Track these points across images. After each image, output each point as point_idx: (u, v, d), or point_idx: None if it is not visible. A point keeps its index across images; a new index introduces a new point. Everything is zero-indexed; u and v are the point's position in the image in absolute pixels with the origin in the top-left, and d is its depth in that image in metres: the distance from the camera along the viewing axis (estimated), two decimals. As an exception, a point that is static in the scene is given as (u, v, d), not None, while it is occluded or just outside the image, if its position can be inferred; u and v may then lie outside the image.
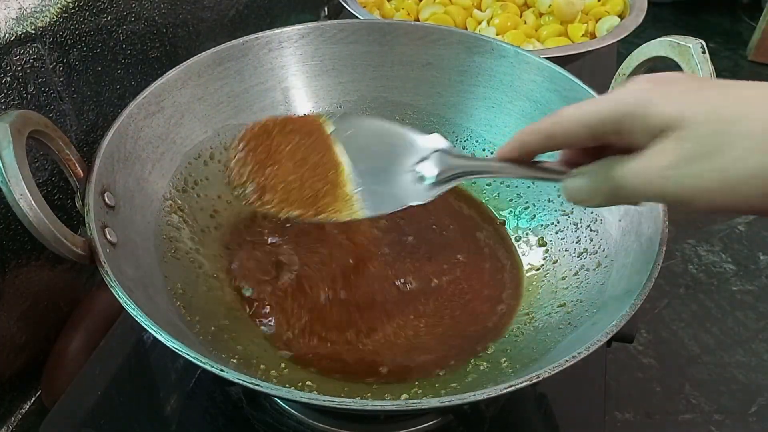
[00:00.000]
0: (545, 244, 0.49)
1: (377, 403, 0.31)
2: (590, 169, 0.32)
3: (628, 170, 0.29)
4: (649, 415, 0.59)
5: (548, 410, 0.46)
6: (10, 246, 0.47)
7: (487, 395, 0.31)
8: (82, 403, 0.45)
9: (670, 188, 0.28)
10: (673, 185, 0.28)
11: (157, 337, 0.32)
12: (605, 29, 0.73)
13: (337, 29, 0.54)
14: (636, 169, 0.29)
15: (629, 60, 0.44)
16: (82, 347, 0.51)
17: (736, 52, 1.09)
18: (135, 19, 0.55)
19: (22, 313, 0.49)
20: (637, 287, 0.36)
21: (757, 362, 0.63)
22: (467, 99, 0.54)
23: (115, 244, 0.38)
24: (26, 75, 0.45)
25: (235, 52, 0.52)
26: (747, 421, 0.59)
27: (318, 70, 0.55)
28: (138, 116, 0.45)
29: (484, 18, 0.77)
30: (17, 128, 0.34)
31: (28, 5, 0.45)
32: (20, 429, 0.52)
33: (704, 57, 0.40)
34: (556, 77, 0.49)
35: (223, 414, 0.45)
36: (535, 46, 0.73)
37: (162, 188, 0.46)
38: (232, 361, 0.39)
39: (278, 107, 0.54)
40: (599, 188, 0.31)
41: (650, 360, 0.63)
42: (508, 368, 0.40)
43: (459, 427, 0.45)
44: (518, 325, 0.45)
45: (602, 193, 0.31)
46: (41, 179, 0.48)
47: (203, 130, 0.50)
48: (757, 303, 0.69)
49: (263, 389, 0.31)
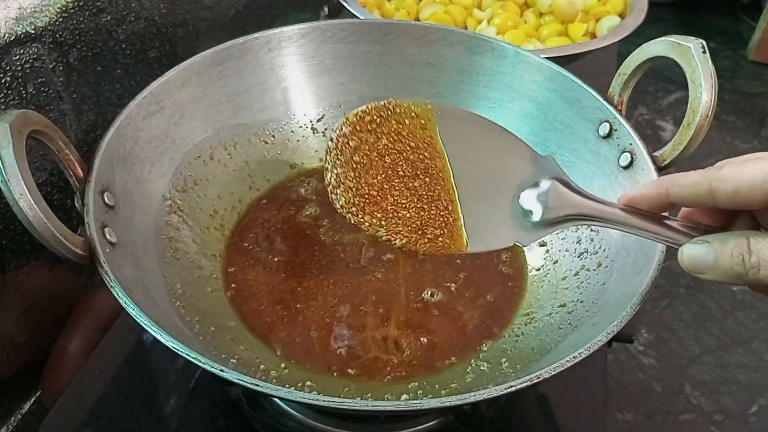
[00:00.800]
0: (545, 244, 0.49)
1: (377, 403, 0.31)
2: (723, 239, 0.29)
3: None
4: (649, 415, 0.59)
5: (548, 410, 0.46)
6: (10, 246, 0.47)
7: (488, 395, 0.31)
8: (82, 403, 0.44)
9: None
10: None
11: (156, 337, 0.32)
12: (606, 29, 0.73)
13: (337, 29, 0.54)
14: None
15: (629, 60, 0.44)
16: (82, 347, 0.51)
17: (736, 52, 1.09)
18: (135, 18, 0.55)
19: (22, 313, 0.49)
20: (637, 287, 0.36)
21: (757, 362, 0.63)
22: (467, 99, 0.54)
23: (114, 244, 0.38)
24: (26, 75, 0.45)
25: (235, 52, 0.51)
26: (747, 422, 0.59)
27: (318, 69, 0.55)
28: (138, 116, 0.45)
29: (484, 17, 0.77)
30: (17, 128, 0.34)
31: (27, 5, 0.45)
32: (20, 429, 0.52)
33: (705, 57, 0.40)
34: (557, 77, 0.49)
35: (223, 414, 0.45)
36: (535, 46, 0.73)
37: (162, 188, 0.46)
38: (232, 362, 0.39)
39: (278, 107, 0.54)
40: (729, 265, 0.28)
41: (651, 360, 0.63)
42: (508, 368, 0.40)
43: (459, 427, 0.45)
44: (518, 325, 0.45)
45: (730, 272, 0.28)
46: (40, 179, 0.48)
47: (203, 130, 0.50)
48: (757, 303, 0.69)
49: (263, 389, 0.31)
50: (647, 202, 0.32)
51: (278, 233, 0.50)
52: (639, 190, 0.32)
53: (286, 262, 0.48)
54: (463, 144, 0.36)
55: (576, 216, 0.33)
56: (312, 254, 0.49)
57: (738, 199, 0.28)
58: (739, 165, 0.28)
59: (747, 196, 0.28)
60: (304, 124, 0.55)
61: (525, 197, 0.34)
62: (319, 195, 0.53)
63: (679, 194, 0.31)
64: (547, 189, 0.34)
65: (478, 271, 0.48)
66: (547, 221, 0.33)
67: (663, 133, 0.92)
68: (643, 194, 0.32)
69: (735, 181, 0.28)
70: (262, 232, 0.50)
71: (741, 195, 0.28)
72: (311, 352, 0.43)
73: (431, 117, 0.37)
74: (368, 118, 0.38)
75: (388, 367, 0.42)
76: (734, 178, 0.28)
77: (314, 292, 0.46)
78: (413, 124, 0.38)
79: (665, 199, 0.31)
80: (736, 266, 0.28)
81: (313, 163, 0.56)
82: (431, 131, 0.37)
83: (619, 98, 0.46)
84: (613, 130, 0.45)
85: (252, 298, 0.46)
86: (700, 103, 0.40)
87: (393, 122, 0.37)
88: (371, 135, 0.37)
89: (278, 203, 0.53)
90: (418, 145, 0.37)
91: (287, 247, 0.49)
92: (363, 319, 0.45)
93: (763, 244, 0.28)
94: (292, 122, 0.55)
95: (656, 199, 0.32)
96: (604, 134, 0.46)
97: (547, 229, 0.34)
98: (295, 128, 0.55)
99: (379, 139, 0.37)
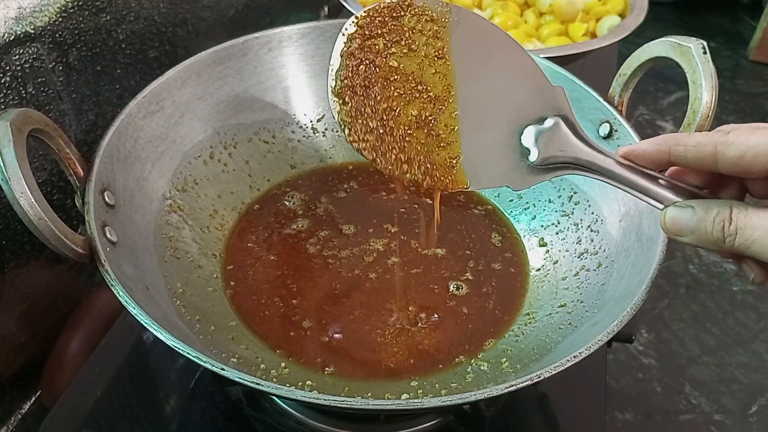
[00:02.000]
0: (546, 244, 0.49)
1: (377, 402, 0.31)
2: (707, 206, 0.29)
3: (760, 223, 0.28)
4: (649, 415, 0.59)
5: (548, 410, 0.46)
6: (10, 246, 0.47)
7: (488, 395, 0.31)
8: (82, 403, 0.45)
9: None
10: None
11: (157, 336, 0.32)
12: (606, 29, 0.73)
13: (338, 29, 0.53)
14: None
15: (630, 60, 0.44)
16: (82, 347, 0.51)
17: (736, 52, 1.09)
18: (134, 18, 0.55)
19: (22, 313, 0.49)
20: (637, 287, 0.36)
21: (757, 362, 0.63)
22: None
23: (115, 243, 0.38)
24: (25, 75, 0.45)
25: (235, 52, 0.51)
26: (747, 422, 0.59)
27: (318, 69, 0.55)
28: (138, 115, 0.45)
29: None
30: (17, 127, 0.34)
31: (27, 5, 0.45)
32: (20, 429, 0.51)
33: (705, 57, 0.40)
34: (557, 77, 0.49)
35: (223, 414, 0.45)
36: (535, 46, 0.73)
37: (162, 187, 0.46)
38: (233, 360, 0.39)
39: (278, 107, 0.54)
40: (709, 231, 0.29)
41: (650, 360, 0.63)
42: (508, 368, 0.40)
43: (459, 427, 0.45)
44: (518, 325, 0.45)
45: (709, 237, 0.29)
46: (41, 179, 0.48)
47: (203, 130, 0.50)
48: (757, 303, 0.69)
49: (264, 388, 0.31)
50: (647, 159, 0.32)
51: (278, 232, 0.50)
52: (639, 145, 0.32)
53: (286, 261, 0.48)
54: (474, 59, 0.34)
55: (572, 163, 0.32)
56: (312, 253, 0.49)
57: (740, 165, 0.29)
58: (747, 132, 0.29)
59: (750, 164, 0.28)
60: (305, 124, 0.55)
61: (527, 134, 0.33)
62: (319, 195, 0.53)
63: (682, 154, 0.31)
64: (551, 128, 0.33)
65: (478, 271, 0.48)
66: (543, 165, 0.33)
67: (663, 133, 0.92)
68: (644, 150, 0.32)
69: (741, 147, 0.28)
70: (262, 231, 0.50)
71: (744, 161, 0.28)
72: (311, 351, 0.43)
73: (447, 22, 0.35)
74: (379, 18, 0.35)
75: (388, 366, 0.42)
76: (741, 144, 0.28)
77: (314, 291, 0.46)
78: (427, 30, 0.35)
79: (665, 157, 0.31)
80: (716, 233, 0.29)
81: (314, 163, 0.56)
82: (444, 41, 0.34)
83: (619, 99, 0.46)
84: (614, 130, 0.45)
85: (252, 296, 0.46)
86: (701, 103, 0.40)
87: (405, 28, 0.35)
88: (378, 54, 0.35)
89: (278, 203, 0.53)
90: (429, 62, 0.35)
91: (287, 246, 0.49)
92: (363, 317, 0.45)
93: (744, 214, 0.28)
94: (293, 122, 0.55)
95: (656, 156, 0.32)
96: (604, 134, 0.46)
97: (542, 176, 0.33)
98: (296, 128, 0.55)
99: (386, 58, 0.34)
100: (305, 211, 0.52)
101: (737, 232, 0.28)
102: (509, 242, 0.50)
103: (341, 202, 0.53)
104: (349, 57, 0.35)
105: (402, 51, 0.35)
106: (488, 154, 0.33)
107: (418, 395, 0.39)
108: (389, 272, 0.47)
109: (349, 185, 0.54)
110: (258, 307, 0.45)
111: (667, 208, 0.31)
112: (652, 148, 0.32)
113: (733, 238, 0.29)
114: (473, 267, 0.48)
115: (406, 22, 0.35)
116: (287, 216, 0.52)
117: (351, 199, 0.53)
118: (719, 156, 0.29)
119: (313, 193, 0.53)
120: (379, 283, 0.47)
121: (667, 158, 0.31)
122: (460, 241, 0.50)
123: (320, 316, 0.45)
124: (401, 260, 0.48)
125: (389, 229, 0.50)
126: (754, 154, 0.28)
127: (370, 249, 0.49)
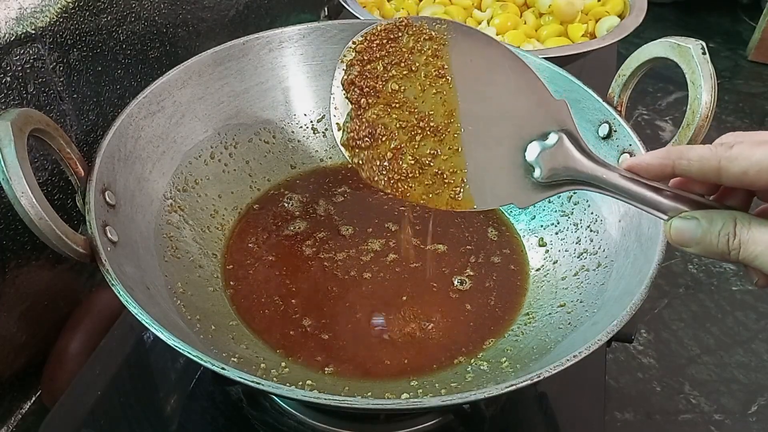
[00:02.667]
0: (545, 244, 0.49)
1: (377, 402, 0.31)
2: (711, 218, 0.29)
3: (762, 238, 0.28)
4: (649, 415, 0.59)
5: (548, 410, 0.46)
6: (11, 246, 0.47)
7: (488, 395, 0.31)
8: (82, 403, 0.45)
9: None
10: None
11: (158, 336, 0.32)
12: (605, 29, 0.73)
13: (338, 29, 0.54)
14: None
15: (629, 61, 0.44)
16: (82, 347, 0.51)
17: (736, 52, 1.09)
18: (135, 19, 0.55)
19: (23, 312, 0.49)
20: (637, 287, 0.36)
21: (757, 362, 0.63)
22: (467, 99, 0.54)
23: (115, 242, 0.38)
24: (26, 75, 0.45)
25: (236, 52, 0.52)
26: (747, 421, 0.59)
27: (318, 70, 0.55)
28: (138, 116, 0.45)
29: (484, 18, 0.77)
30: (18, 126, 0.34)
31: (28, 5, 0.45)
32: (20, 429, 0.51)
33: (704, 58, 0.40)
34: (556, 78, 0.49)
35: (223, 414, 0.45)
36: (535, 46, 0.73)
37: (162, 187, 0.46)
38: (233, 360, 0.39)
39: (279, 107, 0.54)
40: (714, 243, 0.29)
41: (650, 360, 0.63)
42: (508, 368, 0.40)
43: (459, 426, 0.45)
44: (518, 324, 0.45)
45: (715, 249, 0.29)
46: (41, 179, 0.48)
47: (204, 130, 0.50)
48: (757, 303, 0.69)
49: (264, 387, 0.31)
50: (651, 172, 0.32)
51: (278, 232, 0.50)
52: (644, 158, 0.32)
53: (286, 260, 0.48)
54: (475, 75, 0.34)
55: (577, 180, 0.32)
56: (312, 253, 0.49)
57: (745, 180, 0.29)
58: (751, 147, 0.28)
59: (754, 179, 0.28)
60: (305, 125, 0.56)
61: (530, 150, 0.32)
62: (319, 195, 0.53)
63: (686, 168, 0.30)
64: (554, 144, 0.32)
65: (478, 271, 0.48)
66: (548, 182, 0.32)
67: (662, 134, 0.92)
68: (649, 163, 0.32)
69: (745, 163, 0.28)
70: (262, 231, 0.50)
71: (748, 177, 0.28)
72: (311, 351, 0.43)
73: (446, 40, 0.34)
74: (377, 41, 0.35)
75: (388, 365, 0.42)
76: (745, 159, 0.28)
77: (314, 291, 0.46)
78: (426, 49, 0.35)
79: (670, 170, 0.31)
80: (721, 245, 0.29)
81: (314, 163, 0.56)
82: (444, 59, 0.34)
83: (618, 99, 0.46)
84: (613, 130, 0.45)
85: (252, 296, 0.46)
86: (700, 103, 0.40)
87: (404, 49, 0.35)
88: (378, 79, 0.34)
89: (278, 203, 0.53)
90: (429, 81, 0.34)
91: (287, 246, 0.49)
92: (363, 317, 0.45)
93: (747, 229, 0.29)
94: (293, 122, 0.55)
95: (660, 170, 0.31)
96: (603, 135, 0.46)
97: (546, 192, 0.32)
98: (296, 128, 0.55)
99: (386, 82, 0.34)
100: (305, 212, 0.52)
101: (741, 246, 0.29)
102: (506, 238, 0.50)
103: (341, 203, 0.53)
104: (350, 86, 0.35)
105: (402, 73, 0.35)
106: (493, 172, 0.33)
107: (418, 395, 0.39)
108: (389, 271, 0.47)
109: (349, 185, 0.54)
110: (258, 306, 0.45)
111: (672, 219, 0.31)
112: (656, 162, 0.32)
113: (737, 252, 0.29)
114: (474, 262, 0.48)
115: (404, 43, 0.35)
116: (287, 216, 0.52)
117: (351, 200, 0.53)
118: (723, 171, 0.29)
119: (313, 194, 0.54)
120: (380, 282, 0.47)
121: (671, 171, 0.31)
122: (460, 237, 0.50)
123: (320, 316, 0.45)
124: (401, 258, 0.48)
125: (390, 228, 0.50)
126: (759, 170, 0.28)
127: (369, 249, 0.49)
